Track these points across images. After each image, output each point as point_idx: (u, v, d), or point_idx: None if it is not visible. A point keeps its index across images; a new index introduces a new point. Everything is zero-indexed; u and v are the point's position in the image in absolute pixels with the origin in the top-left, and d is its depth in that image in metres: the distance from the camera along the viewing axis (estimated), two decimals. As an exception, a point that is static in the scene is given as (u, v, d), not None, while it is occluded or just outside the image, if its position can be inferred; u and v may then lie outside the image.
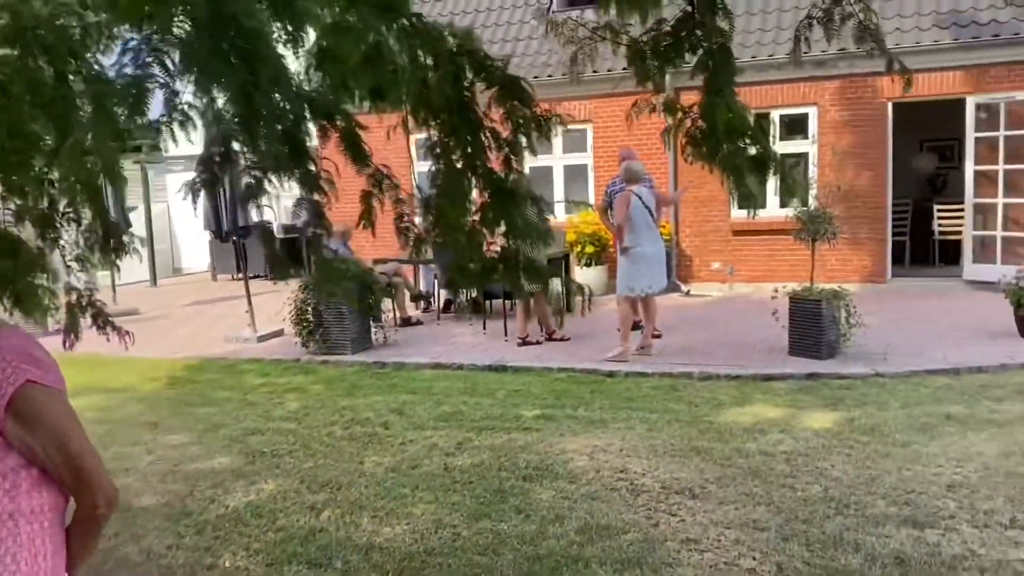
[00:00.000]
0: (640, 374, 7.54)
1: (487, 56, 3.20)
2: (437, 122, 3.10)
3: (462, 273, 3.15)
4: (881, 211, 11.49)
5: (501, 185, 3.11)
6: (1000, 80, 10.69)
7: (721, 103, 3.15)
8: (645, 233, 7.97)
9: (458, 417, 6.54)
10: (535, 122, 3.18)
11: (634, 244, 7.93)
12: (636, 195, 7.93)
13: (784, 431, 5.80)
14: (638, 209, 7.91)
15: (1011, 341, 8.04)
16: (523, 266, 3.20)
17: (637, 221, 7.91)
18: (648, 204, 7.98)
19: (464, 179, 3.09)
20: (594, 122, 12.74)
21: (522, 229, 3.06)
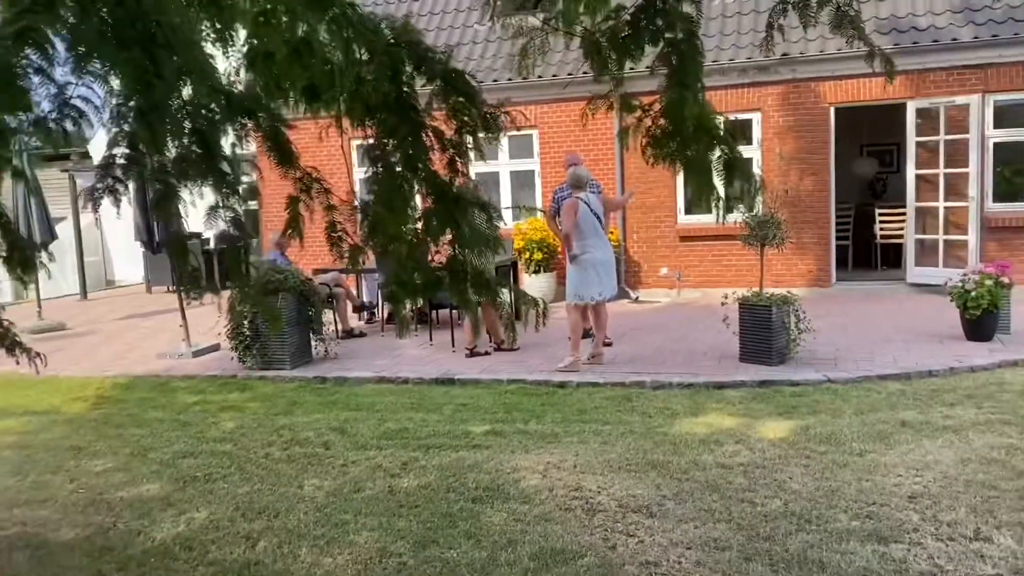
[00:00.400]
0: (592, 384, 7.35)
1: (428, 48, 2.94)
2: (374, 121, 2.84)
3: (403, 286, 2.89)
4: (825, 216, 11.54)
5: (445, 190, 2.85)
6: (939, 85, 10.82)
7: (689, 97, 2.94)
8: (593, 240, 7.79)
9: (403, 435, 6.25)
10: (482, 120, 2.93)
11: (582, 251, 7.75)
12: (583, 202, 7.74)
13: (740, 441, 5.65)
14: (586, 216, 7.72)
15: (958, 344, 8.06)
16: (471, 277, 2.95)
17: (585, 228, 7.72)
18: (596, 210, 7.80)
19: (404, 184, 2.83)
20: (540, 127, 12.57)
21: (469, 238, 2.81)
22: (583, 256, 7.73)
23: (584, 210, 7.70)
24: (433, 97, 2.99)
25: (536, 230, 11.68)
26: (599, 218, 7.81)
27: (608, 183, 12.18)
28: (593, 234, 7.77)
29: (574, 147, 12.32)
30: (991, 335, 8.07)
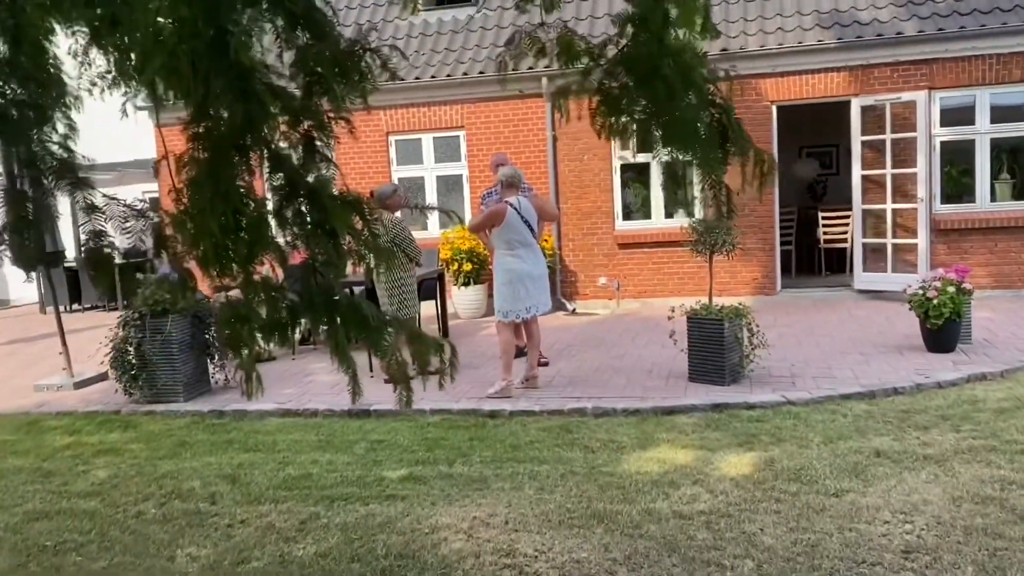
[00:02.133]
0: (527, 413, 6.50)
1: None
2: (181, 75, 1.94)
3: (241, 323, 2.00)
4: (769, 220, 10.95)
5: (296, 179, 1.97)
6: (884, 81, 10.33)
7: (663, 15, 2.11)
8: (522, 250, 6.94)
9: (305, 483, 5.30)
10: (340, 69, 2.05)
11: (509, 263, 6.88)
12: (513, 207, 6.89)
13: (698, 482, 4.87)
14: (515, 223, 6.87)
15: (919, 355, 7.47)
16: (340, 311, 2.07)
17: (513, 236, 6.87)
18: (527, 216, 6.96)
19: (229, 168, 1.94)
20: (468, 128, 11.71)
21: (333, 251, 1.93)
22: (512, 268, 6.88)
23: (513, 217, 6.85)
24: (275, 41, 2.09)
25: (465, 239, 10.81)
26: (530, 226, 6.97)
27: (540, 188, 11.39)
28: (522, 244, 6.92)
29: (504, 149, 11.50)
30: (953, 346, 7.50)
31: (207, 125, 1.91)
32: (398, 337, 2.58)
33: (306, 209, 1.96)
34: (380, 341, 2.40)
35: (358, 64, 2.14)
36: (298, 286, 2.29)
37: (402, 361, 2.69)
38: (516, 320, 6.94)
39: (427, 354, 2.53)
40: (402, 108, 11.81)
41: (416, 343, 2.54)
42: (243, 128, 1.91)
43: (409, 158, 12.04)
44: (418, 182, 12.07)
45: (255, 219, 2.00)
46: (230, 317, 2.04)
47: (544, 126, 11.35)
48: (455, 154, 11.87)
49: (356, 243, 2.15)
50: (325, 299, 2.06)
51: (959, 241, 10.38)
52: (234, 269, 1.95)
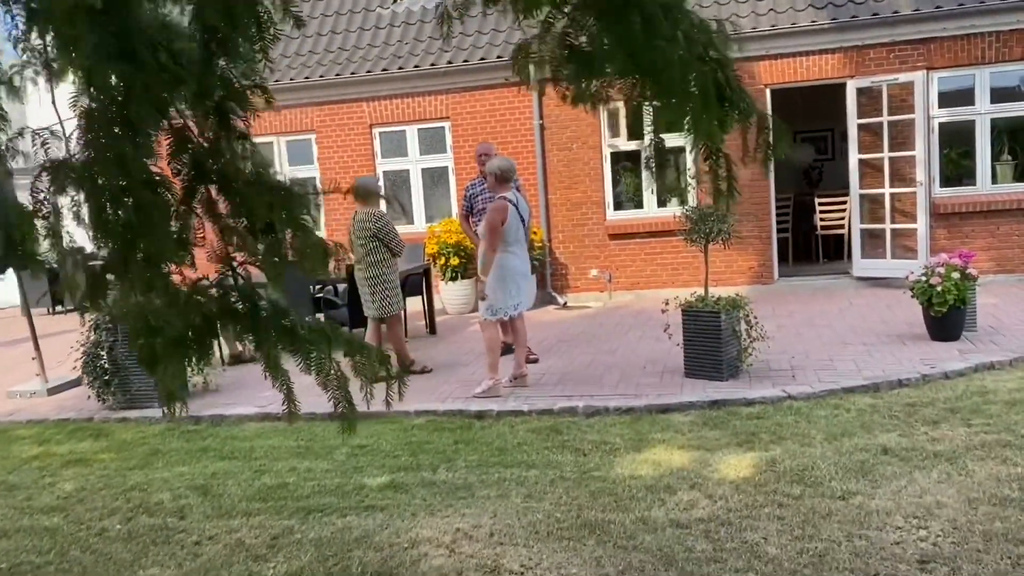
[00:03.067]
0: (515, 413, 6.21)
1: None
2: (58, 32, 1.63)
3: (153, 336, 1.70)
4: (765, 207, 10.66)
5: (201, 161, 1.66)
6: (880, 62, 10.03)
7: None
8: (517, 247, 6.66)
9: (281, 494, 5.01)
10: (232, 16, 1.73)
11: (501, 263, 6.58)
12: (512, 203, 6.58)
13: (695, 486, 4.58)
14: (513, 221, 6.57)
15: (924, 345, 7.19)
16: (265, 321, 1.78)
17: (510, 234, 6.57)
18: (523, 213, 6.70)
19: (124, 145, 1.63)
20: (453, 119, 11.38)
21: (269, 246, 1.63)
22: (506, 265, 6.57)
23: (513, 215, 6.55)
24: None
25: (451, 232, 10.49)
26: (524, 222, 6.69)
27: (529, 180, 11.08)
28: (516, 241, 6.63)
29: (490, 139, 11.17)
30: (959, 334, 7.22)
31: (98, 97, 1.61)
32: (333, 348, 2.28)
33: (219, 197, 1.66)
34: (310, 354, 2.10)
35: (253, 7, 1.80)
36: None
37: (341, 376, 2.39)
38: (503, 318, 6.64)
39: (370, 368, 2.23)
40: (386, 99, 11.48)
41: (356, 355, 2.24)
42: (139, 99, 1.60)
43: (393, 151, 11.72)
44: (403, 175, 11.75)
45: (155, 209, 1.69)
46: (140, 330, 1.74)
47: (531, 115, 11.03)
48: (440, 146, 11.54)
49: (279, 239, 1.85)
50: (248, 307, 1.76)
51: (960, 225, 10.10)
52: (144, 273, 1.65)
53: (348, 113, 11.63)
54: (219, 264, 1.97)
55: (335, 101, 11.59)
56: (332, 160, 11.76)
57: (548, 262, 11.28)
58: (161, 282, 1.69)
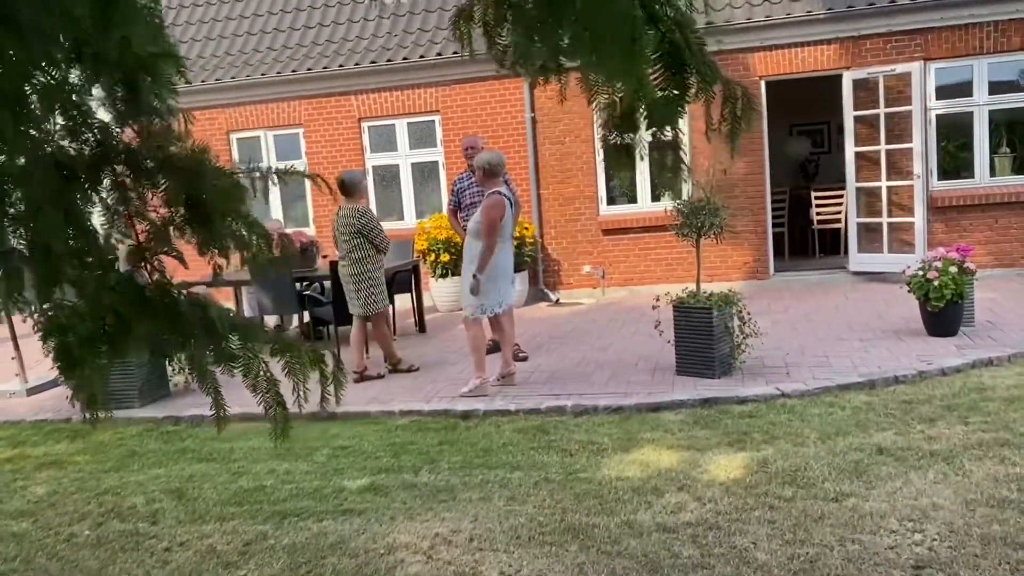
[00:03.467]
0: (502, 412, 6.06)
1: None
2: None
3: (58, 333, 1.54)
4: (760, 201, 10.49)
5: (104, 140, 1.50)
6: (876, 53, 9.86)
7: None
8: (507, 243, 6.50)
9: (257, 497, 4.85)
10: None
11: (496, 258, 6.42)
12: (508, 199, 6.43)
13: (684, 488, 4.43)
14: (508, 217, 6.43)
15: (920, 341, 7.04)
16: (186, 315, 1.62)
17: (503, 230, 6.40)
18: (513, 209, 6.57)
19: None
20: (443, 112, 11.21)
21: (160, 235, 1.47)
22: (496, 264, 6.40)
23: (510, 210, 6.42)
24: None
25: (442, 228, 10.32)
26: (514, 217, 6.57)
27: (520, 175, 10.92)
28: (506, 236, 6.47)
29: (481, 133, 11.01)
30: (956, 329, 7.07)
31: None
32: (260, 347, 2.12)
33: (128, 179, 1.50)
34: (227, 354, 1.94)
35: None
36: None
37: (271, 379, 2.23)
38: (489, 315, 6.48)
39: (302, 369, 2.08)
40: (374, 92, 11.30)
41: (288, 355, 2.09)
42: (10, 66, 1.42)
43: (383, 145, 11.54)
44: (392, 170, 11.58)
45: (43, 191, 1.53)
46: (50, 328, 1.59)
47: (523, 108, 10.86)
48: (430, 140, 11.37)
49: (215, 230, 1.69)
50: (162, 302, 1.61)
51: (957, 219, 9.94)
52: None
53: (336, 107, 11.45)
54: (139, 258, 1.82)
55: (323, 94, 11.41)
56: (320, 155, 11.59)
57: (540, 258, 11.12)
58: (68, 275, 1.53)
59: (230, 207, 1.77)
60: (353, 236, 6.92)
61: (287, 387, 2.41)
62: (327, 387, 2.24)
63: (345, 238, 6.96)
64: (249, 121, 11.80)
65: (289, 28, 12.10)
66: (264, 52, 11.93)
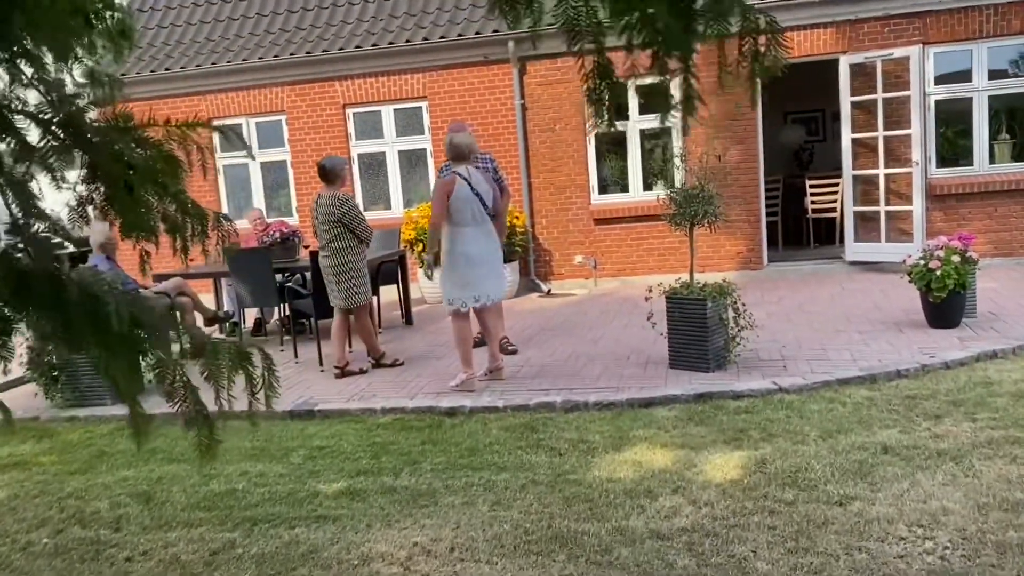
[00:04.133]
0: (489, 409, 5.80)
1: None
2: None
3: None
4: (754, 189, 10.25)
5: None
6: (874, 37, 9.62)
7: None
8: (473, 229, 6.14)
9: (228, 502, 4.59)
10: None
11: (452, 246, 6.13)
12: (463, 178, 6.14)
13: (679, 490, 4.19)
14: (464, 197, 6.09)
15: (921, 332, 6.81)
16: (77, 305, 1.36)
17: (462, 213, 6.10)
18: (479, 190, 6.17)
19: None
20: (430, 99, 10.91)
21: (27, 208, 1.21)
22: (458, 251, 6.13)
23: (463, 190, 6.09)
24: None
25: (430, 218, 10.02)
26: (483, 200, 6.19)
27: (510, 163, 10.65)
28: (471, 221, 6.15)
29: (469, 120, 10.71)
30: (958, 320, 6.85)
31: None
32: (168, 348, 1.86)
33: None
34: (126, 354, 1.69)
35: None
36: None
37: (188, 386, 1.97)
38: (463, 309, 6.19)
39: (221, 371, 1.83)
40: (359, 78, 11.00)
41: (205, 355, 1.83)
42: None
43: (368, 132, 11.24)
44: (379, 158, 11.28)
45: None
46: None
47: (512, 94, 10.57)
48: (417, 127, 11.07)
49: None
50: (50, 292, 1.35)
51: (956, 207, 9.72)
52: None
53: (320, 93, 11.15)
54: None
55: (306, 80, 11.10)
56: (304, 142, 11.29)
57: (531, 248, 10.86)
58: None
59: (159, 183, 1.52)
60: (333, 225, 6.64)
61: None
62: (256, 391, 1.97)
63: (325, 227, 6.68)
64: (231, 108, 11.48)
65: (272, 12, 11.77)
66: (246, 37, 11.61)
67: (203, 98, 11.46)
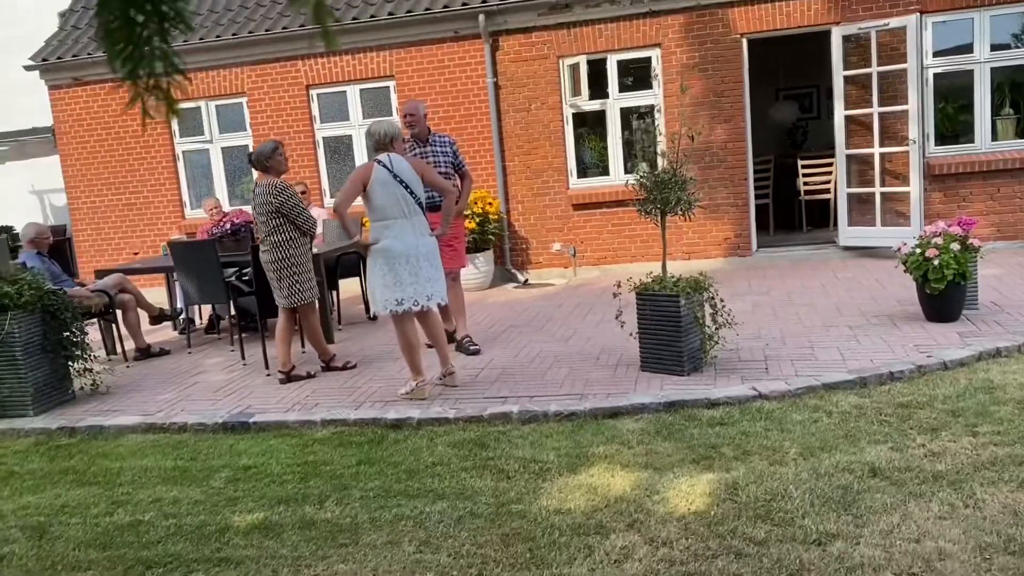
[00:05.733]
0: (439, 421, 5.25)
1: None
2: None
3: None
4: (742, 171, 9.65)
5: None
6: (868, 6, 8.98)
7: None
8: (400, 222, 5.48)
9: (127, 538, 4.04)
10: None
11: (379, 241, 5.55)
12: (384, 166, 5.52)
13: (635, 524, 3.64)
14: (384, 185, 5.43)
15: (918, 327, 6.25)
16: None
17: (383, 203, 5.48)
18: (404, 178, 5.50)
19: None
20: (397, 77, 10.29)
21: None
22: (382, 247, 5.55)
23: (382, 178, 5.46)
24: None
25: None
26: (411, 190, 5.51)
27: (483, 146, 10.05)
28: (397, 213, 5.53)
29: (440, 100, 10.12)
30: (958, 313, 6.29)
31: None
32: None
33: None
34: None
35: None
36: None
37: None
38: (395, 312, 5.59)
39: None
40: (323, 57, 10.37)
41: None
42: None
43: (334, 114, 10.63)
44: (345, 141, 10.68)
45: None
46: None
47: (484, 72, 9.95)
48: (385, 108, 10.45)
49: None
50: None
51: (956, 187, 9.13)
52: None
53: (282, 73, 10.53)
54: None
55: (267, 60, 10.47)
56: (266, 126, 10.68)
57: (507, 235, 10.28)
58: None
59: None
60: (271, 217, 6.06)
61: None
62: None
63: (263, 219, 6.10)
64: (189, 91, 10.85)
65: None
66: (205, 14, 10.96)
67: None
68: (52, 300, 6.24)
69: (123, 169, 11.27)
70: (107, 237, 11.39)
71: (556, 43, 9.73)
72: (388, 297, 5.48)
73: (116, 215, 11.38)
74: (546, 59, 9.77)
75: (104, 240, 11.40)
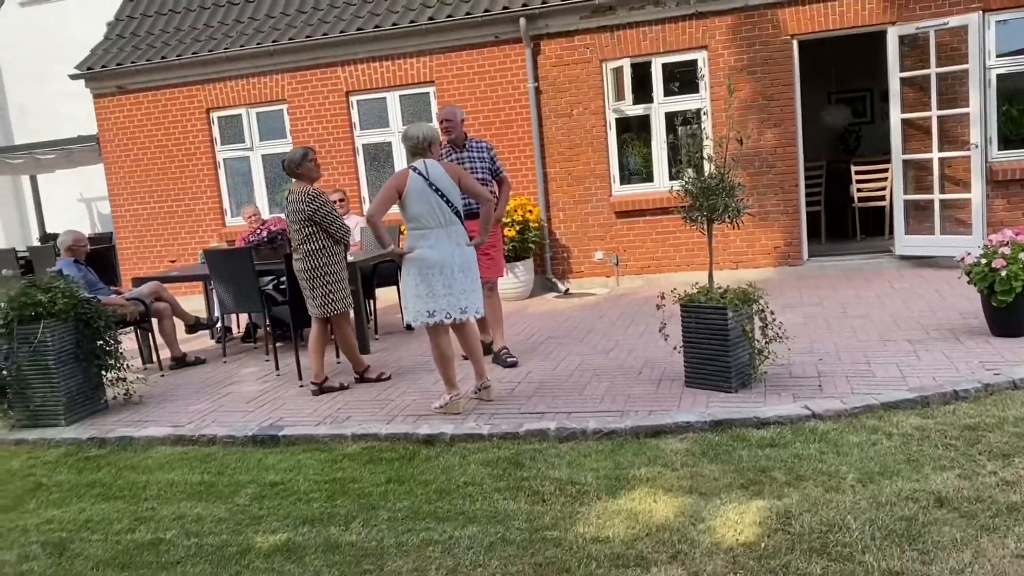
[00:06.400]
0: (472, 437, 5.03)
1: None
2: None
3: None
4: (792, 177, 9.30)
5: None
6: (927, 5, 8.59)
7: None
8: (436, 232, 5.27)
9: (147, 557, 3.89)
10: None
11: (410, 248, 5.35)
12: (419, 173, 5.33)
13: (677, 556, 3.38)
14: (419, 193, 5.23)
15: (983, 342, 5.88)
16: None
17: (419, 212, 5.27)
18: (440, 186, 5.27)
19: None
20: (437, 83, 10.14)
21: None
22: (417, 256, 5.35)
23: (417, 186, 5.27)
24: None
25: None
26: (447, 198, 5.29)
27: (524, 152, 9.85)
28: (433, 223, 5.31)
29: (480, 106, 9.96)
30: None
31: None
32: None
33: None
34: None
35: None
36: None
37: None
38: (428, 324, 5.39)
39: None
40: (363, 63, 10.27)
41: None
42: None
43: (374, 121, 10.52)
44: (385, 148, 10.56)
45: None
46: None
47: (525, 77, 9.75)
48: (425, 114, 10.31)
49: None
50: None
51: (1021, 194, 8.66)
52: None
53: (322, 80, 10.45)
54: None
55: (307, 66, 10.41)
56: (306, 133, 10.61)
57: (547, 244, 10.05)
58: None
59: None
60: (304, 225, 5.93)
61: None
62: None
63: (296, 227, 5.97)
64: (229, 98, 10.85)
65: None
66: (246, 22, 10.95)
67: (201, 88, 10.85)
68: (86, 308, 6.17)
69: (165, 177, 11.31)
70: (149, 245, 11.43)
71: (599, 46, 9.49)
72: (420, 308, 5.29)
73: (158, 223, 11.42)
74: (588, 63, 9.54)
75: (147, 248, 11.44)
